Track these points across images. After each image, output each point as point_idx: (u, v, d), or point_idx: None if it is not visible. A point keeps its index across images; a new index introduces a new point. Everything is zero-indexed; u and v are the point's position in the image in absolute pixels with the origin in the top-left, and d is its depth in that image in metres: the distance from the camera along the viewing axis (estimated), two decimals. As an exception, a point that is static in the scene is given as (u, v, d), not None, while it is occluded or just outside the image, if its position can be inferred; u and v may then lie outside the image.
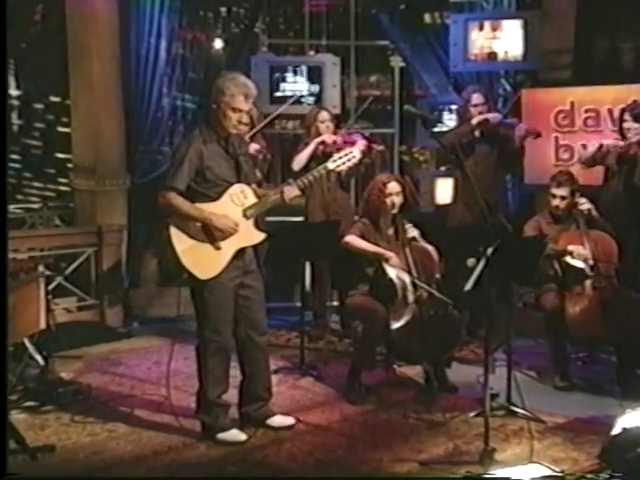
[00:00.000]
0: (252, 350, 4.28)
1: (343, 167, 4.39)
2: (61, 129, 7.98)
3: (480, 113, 5.91)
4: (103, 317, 6.48)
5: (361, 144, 5.78)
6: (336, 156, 4.40)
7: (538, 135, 5.99)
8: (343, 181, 6.08)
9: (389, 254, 4.78)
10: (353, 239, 4.87)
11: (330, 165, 4.36)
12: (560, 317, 4.88)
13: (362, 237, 4.87)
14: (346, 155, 4.37)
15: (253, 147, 5.76)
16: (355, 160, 4.41)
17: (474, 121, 5.88)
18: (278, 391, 4.76)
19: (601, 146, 5.46)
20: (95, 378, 5.21)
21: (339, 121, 6.59)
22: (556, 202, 5.11)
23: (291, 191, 4.21)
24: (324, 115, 6.04)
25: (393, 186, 4.90)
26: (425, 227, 5.09)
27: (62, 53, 6.67)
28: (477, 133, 5.94)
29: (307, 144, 5.93)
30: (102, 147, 6.66)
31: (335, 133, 6.02)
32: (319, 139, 5.91)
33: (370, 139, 6.09)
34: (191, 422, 4.32)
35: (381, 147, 6.31)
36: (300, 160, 5.86)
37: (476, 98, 5.95)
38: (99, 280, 6.52)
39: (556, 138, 6.51)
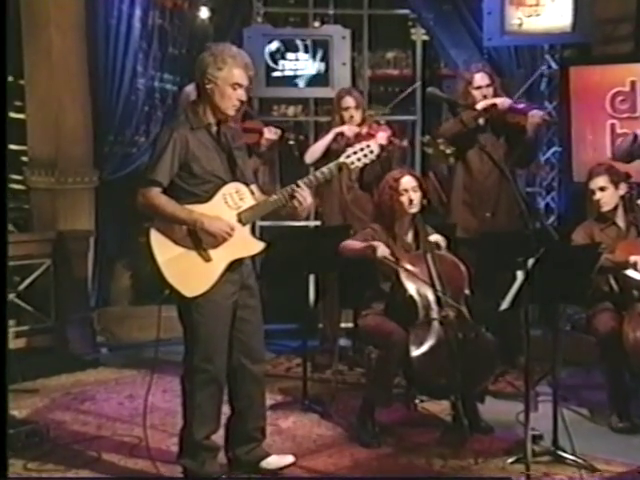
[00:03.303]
0: (245, 381, 4.30)
1: (359, 164, 4.37)
2: (13, 115, 8.02)
3: (484, 97, 5.90)
4: (65, 342, 6.51)
5: (382, 137, 5.82)
6: (350, 150, 4.38)
7: (554, 123, 5.99)
8: (365, 180, 6.05)
9: (376, 243, 4.78)
10: (346, 242, 4.92)
11: (343, 161, 4.33)
12: (617, 342, 4.89)
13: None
14: (362, 150, 4.35)
15: (272, 131, 5.81)
16: (373, 156, 4.37)
17: (479, 106, 5.87)
18: (275, 431, 4.82)
19: (635, 137, 5.44)
20: (55, 416, 5.24)
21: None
22: (597, 196, 5.15)
23: (304, 193, 4.16)
24: (348, 101, 6.07)
25: (407, 181, 4.93)
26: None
27: (14, 22, 6.70)
28: (481, 121, 5.94)
29: (328, 132, 6.01)
30: (64, 137, 6.71)
31: (363, 123, 6.06)
32: (338, 129, 5.97)
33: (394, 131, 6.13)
34: (171, 468, 4.34)
35: (403, 143, 6.33)
36: (314, 152, 5.91)
37: (479, 79, 5.94)
38: (59, 297, 6.55)
39: (612, 126, 6.53)
